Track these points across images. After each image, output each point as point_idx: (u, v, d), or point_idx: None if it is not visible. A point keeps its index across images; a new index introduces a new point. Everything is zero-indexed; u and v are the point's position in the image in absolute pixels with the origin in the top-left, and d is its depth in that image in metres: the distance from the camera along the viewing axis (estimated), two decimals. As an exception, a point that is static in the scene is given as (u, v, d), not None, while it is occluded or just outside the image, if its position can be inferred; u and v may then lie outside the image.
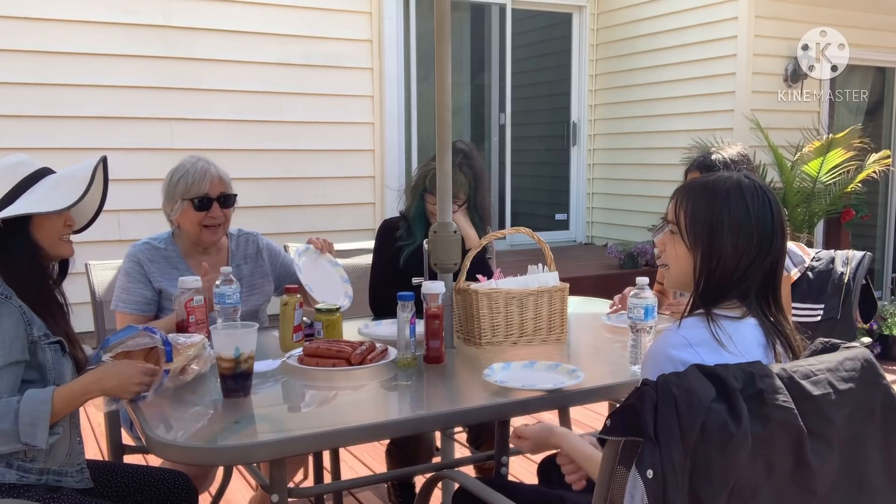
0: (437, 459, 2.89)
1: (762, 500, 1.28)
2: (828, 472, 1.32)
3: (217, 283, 2.19)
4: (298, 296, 2.26)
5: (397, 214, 2.94)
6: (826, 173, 5.45)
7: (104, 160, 1.92)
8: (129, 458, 2.48)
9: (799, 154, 5.47)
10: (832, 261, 2.69)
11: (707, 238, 1.48)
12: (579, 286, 3.13)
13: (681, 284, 1.57)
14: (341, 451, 3.10)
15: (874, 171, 5.52)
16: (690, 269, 1.51)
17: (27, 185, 1.83)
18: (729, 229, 1.46)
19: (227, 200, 2.55)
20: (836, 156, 5.38)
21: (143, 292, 2.47)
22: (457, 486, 1.89)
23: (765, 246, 1.46)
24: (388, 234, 2.87)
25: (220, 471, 2.69)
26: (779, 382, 1.29)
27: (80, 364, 1.89)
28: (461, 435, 2.95)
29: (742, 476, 1.25)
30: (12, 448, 1.70)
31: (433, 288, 2.10)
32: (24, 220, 1.81)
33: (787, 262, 1.76)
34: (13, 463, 1.74)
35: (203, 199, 2.49)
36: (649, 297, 1.98)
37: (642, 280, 2.01)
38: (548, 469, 2.02)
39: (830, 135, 5.44)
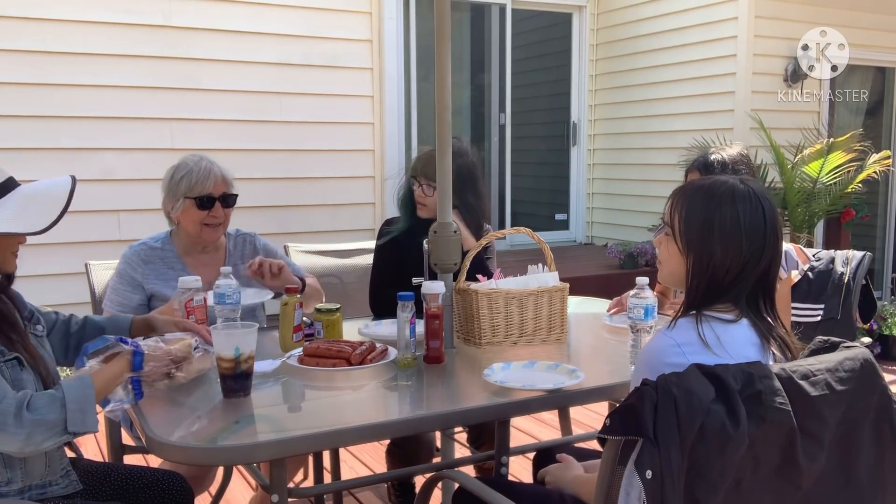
0: (437, 459, 2.89)
1: (746, 492, 1.28)
2: (815, 469, 1.32)
3: (217, 283, 2.20)
4: (298, 296, 2.26)
5: (397, 214, 2.94)
6: (826, 174, 5.45)
7: (74, 181, 1.80)
8: (129, 458, 2.48)
9: (799, 155, 5.47)
10: (832, 261, 2.69)
11: (698, 244, 1.49)
12: (579, 286, 3.12)
13: (671, 282, 1.60)
14: (341, 451, 3.10)
15: (874, 172, 5.52)
16: (681, 271, 1.53)
17: None
18: (719, 236, 1.47)
19: (229, 200, 2.56)
20: (837, 157, 5.39)
21: (130, 295, 2.49)
22: (457, 486, 1.89)
23: (755, 254, 1.47)
24: (389, 234, 2.86)
25: (220, 471, 2.69)
26: (777, 384, 1.29)
27: (44, 378, 1.78)
28: (461, 435, 2.95)
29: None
30: (54, 443, 1.62)
31: (433, 288, 2.10)
32: None
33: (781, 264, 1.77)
34: None
35: (206, 199, 2.50)
36: (649, 297, 1.98)
37: (642, 280, 2.01)
38: (542, 464, 2.02)
39: (831, 139, 5.45)
